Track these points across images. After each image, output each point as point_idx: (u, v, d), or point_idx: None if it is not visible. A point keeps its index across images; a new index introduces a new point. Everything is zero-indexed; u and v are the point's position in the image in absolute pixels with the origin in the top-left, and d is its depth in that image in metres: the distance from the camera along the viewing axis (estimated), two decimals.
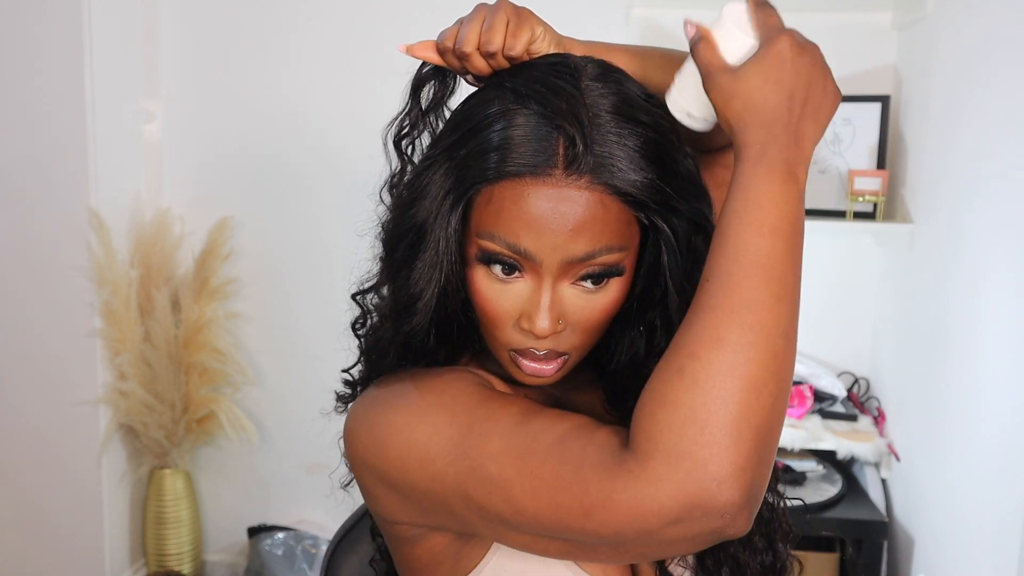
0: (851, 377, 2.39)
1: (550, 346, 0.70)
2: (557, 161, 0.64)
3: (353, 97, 2.41)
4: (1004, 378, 1.61)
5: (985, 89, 1.76)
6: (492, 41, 0.68)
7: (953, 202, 1.89)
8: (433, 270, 0.70)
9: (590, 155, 0.64)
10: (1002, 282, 1.64)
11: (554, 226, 0.65)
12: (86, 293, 2.24)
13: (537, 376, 0.72)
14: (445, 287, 0.71)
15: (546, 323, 0.67)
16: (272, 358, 2.54)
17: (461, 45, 0.69)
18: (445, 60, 0.72)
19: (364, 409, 0.73)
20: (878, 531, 2.02)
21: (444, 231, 0.69)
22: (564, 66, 0.68)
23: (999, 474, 1.61)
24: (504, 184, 0.66)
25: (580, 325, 0.70)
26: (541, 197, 0.64)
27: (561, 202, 0.64)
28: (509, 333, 0.70)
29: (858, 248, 2.37)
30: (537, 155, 0.64)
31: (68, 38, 2.16)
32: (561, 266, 0.67)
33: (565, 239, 0.65)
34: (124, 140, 2.35)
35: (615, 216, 0.66)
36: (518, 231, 0.66)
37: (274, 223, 2.49)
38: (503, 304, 0.69)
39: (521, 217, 0.65)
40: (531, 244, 0.66)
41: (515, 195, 0.65)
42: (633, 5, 2.29)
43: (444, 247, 0.69)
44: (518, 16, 0.69)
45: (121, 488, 2.40)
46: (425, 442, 0.66)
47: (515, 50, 0.68)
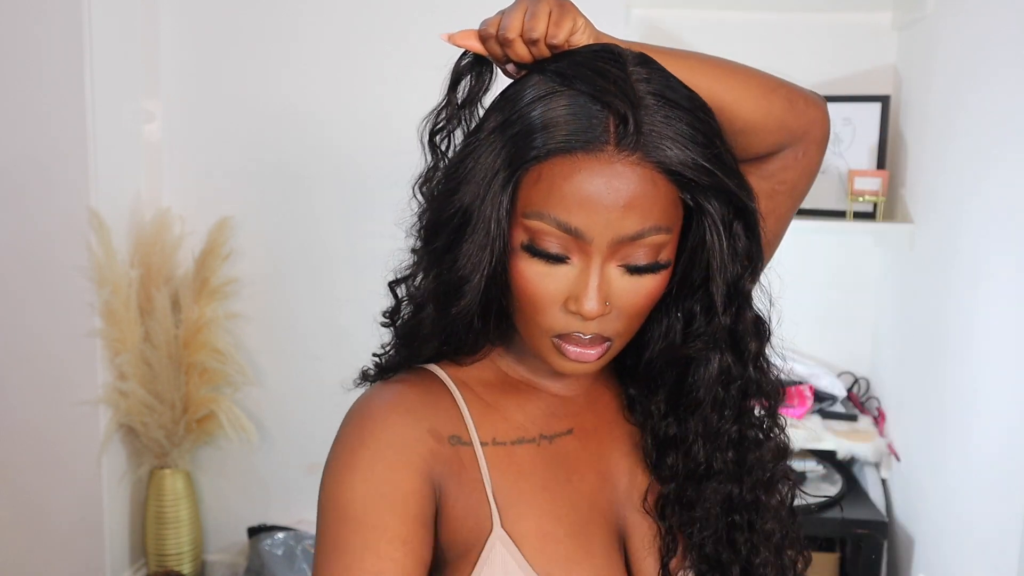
0: (851, 377, 2.39)
1: (596, 330, 0.70)
2: (609, 137, 0.65)
3: (353, 97, 2.41)
4: (1004, 378, 1.61)
5: (985, 89, 1.76)
6: (536, 28, 0.68)
7: (953, 202, 1.89)
8: (483, 252, 0.69)
9: (640, 133, 0.65)
10: (1002, 282, 1.64)
11: (607, 202, 0.65)
12: (86, 293, 2.24)
13: (580, 361, 0.71)
14: (495, 269, 0.70)
15: (595, 304, 0.67)
16: (272, 358, 2.54)
17: (505, 31, 0.69)
18: (487, 47, 0.71)
19: (339, 432, 0.75)
20: (878, 531, 2.02)
21: (496, 212, 0.68)
22: (607, 52, 0.69)
23: (999, 474, 1.61)
24: (554, 161, 0.65)
25: (625, 310, 0.70)
26: (594, 173, 0.65)
27: (614, 178, 0.65)
28: (554, 317, 0.70)
29: (858, 248, 2.37)
30: (588, 132, 0.65)
31: (68, 38, 2.16)
32: (611, 245, 0.66)
33: (617, 216, 0.65)
34: (124, 140, 2.35)
35: (664, 195, 0.66)
36: (570, 208, 0.65)
37: (274, 223, 2.49)
38: (549, 286, 0.69)
39: (573, 194, 0.65)
40: (582, 221, 0.65)
41: (566, 172, 0.65)
42: (633, 5, 2.29)
43: (495, 229, 0.68)
44: (561, 6, 0.70)
45: (121, 488, 2.40)
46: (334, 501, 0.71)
47: (558, 38, 0.68)
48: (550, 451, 0.77)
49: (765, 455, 0.76)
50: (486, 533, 0.72)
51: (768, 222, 0.80)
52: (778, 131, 0.79)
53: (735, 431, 0.75)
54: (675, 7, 2.30)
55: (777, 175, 0.81)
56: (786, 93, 0.79)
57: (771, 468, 0.76)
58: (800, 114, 0.79)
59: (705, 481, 0.75)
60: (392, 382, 0.78)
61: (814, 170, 0.84)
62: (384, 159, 2.34)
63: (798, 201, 0.85)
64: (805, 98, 0.80)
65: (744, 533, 0.75)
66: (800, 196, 0.85)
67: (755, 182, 0.79)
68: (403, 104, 2.39)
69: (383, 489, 0.69)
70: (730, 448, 0.75)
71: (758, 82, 0.78)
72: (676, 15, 2.33)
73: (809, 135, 0.80)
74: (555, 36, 0.68)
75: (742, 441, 0.75)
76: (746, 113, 0.76)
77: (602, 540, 0.74)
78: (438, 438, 0.73)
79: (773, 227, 0.82)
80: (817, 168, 0.84)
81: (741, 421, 0.75)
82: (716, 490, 0.75)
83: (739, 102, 0.76)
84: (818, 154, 0.83)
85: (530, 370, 0.80)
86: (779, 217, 0.84)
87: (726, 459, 0.75)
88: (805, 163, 0.82)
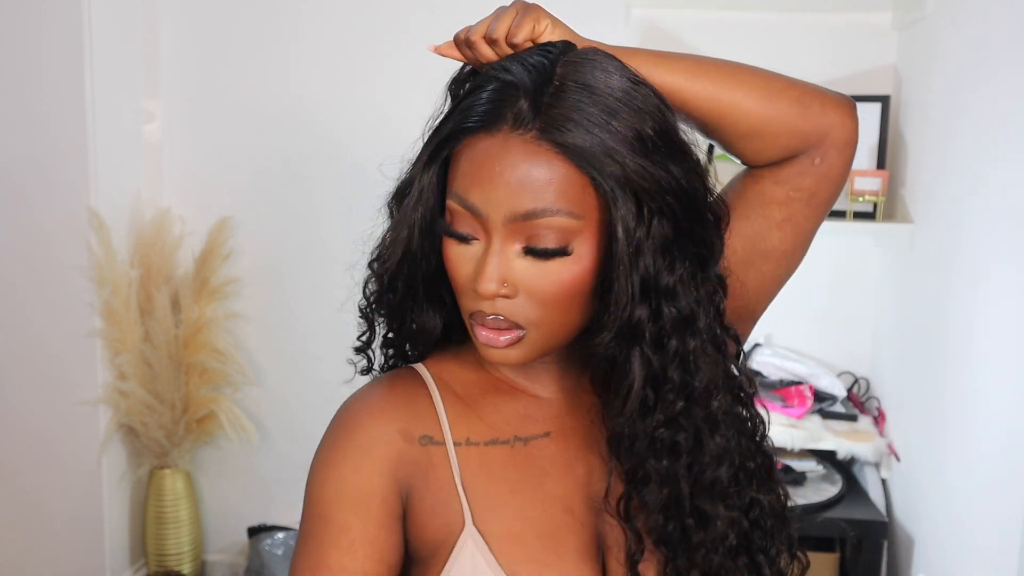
0: (851, 377, 2.39)
1: (501, 311, 0.70)
2: (507, 117, 0.67)
3: (353, 97, 2.41)
4: (1004, 378, 1.61)
5: (985, 89, 1.76)
6: (497, 29, 0.71)
7: (953, 202, 1.89)
8: (403, 225, 0.74)
9: (542, 116, 0.66)
10: (1002, 282, 1.64)
11: (496, 179, 0.67)
12: (86, 293, 2.24)
13: (490, 346, 0.72)
14: (412, 249, 0.75)
15: (491, 284, 0.68)
16: (272, 358, 2.54)
17: (470, 34, 0.73)
18: (460, 52, 0.75)
19: (325, 431, 0.80)
20: (878, 531, 2.02)
21: (419, 187, 0.73)
22: (552, 46, 0.71)
23: (999, 474, 1.61)
24: (465, 143, 0.69)
25: (534, 296, 0.70)
26: (488, 150, 0.67)
27: (504, 154, 0.67)
28: (466, 298, 0.72)
29: (858, 248, 2.37)
30: (492, 113, 0.68)
31: (68, 38, 2.16)
32: (506, 223, 0.68)
33: (506, 192, 0.67)
34: (124, 140, 2.35)
35: (564, 178, 0.67)
36: (468, 185, 0.68)
37: (274, 223, 2.49)
38: (463, 268, 0.71)
39: (471, 171, 0.68)
40: (478, 197, 0.68)
41: (468, 151, 0.69)
42: (633, 5, 2.29)
43: (418, 202, 0.73)
44: (525, 9, 0.73)
45: (121, 488, 2.40)
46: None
47: (517, 38, 0.71)
48: (524, 453, 0.76)
49: (703, 459, 0.72)
50: (458, 529, 0.73)
51: (784, 230, 0.79)
52: (788, 135, 0.76)
53: (666, 435, 0.71)
54: (675, 7, 2.30)
55: (791, 181, 0.78)
56: (797, 95, 0.76)
57: (712, 473, 0.72)
58: (814, 117, 0.76)
59: (643, 486, 0.72)
60: (375, 383, 0.81)
61: (836, 177, 0.79)
62: (384, 159, 2.33)
63: (819, 210, 0.81)
64: (823, 100, 0.77)
65: (700, 535, 0.72)
66: (822, 204, 0.80)
67: (769, 187, 0.79)
68: (403, 104, 2.39)
69: (348, 491, 0.73)
70: (664, 455, 0.71)
71: (762, 84, 0.76)
72: (676, 15, 2.33)
73: (828, 139, 0.77)
74: (514, 36, 0.71)
75: (674, 446, 0.71)
76: (749, 117, 0.75)
77: (575, 544, 0.74)
78: (408, 439, 0.75)
79: (790, 236, 0.80)
80: (841, 175, 0.79)
81: (672, 425, 0.71)
82: (655, 494, 0.72)
83: (739, 106, 0.75)
84: (839, 159, 0.78)
85: (514, 372, 0.80)
86: (796, 225, 0.80)
87: (659, 466, 0.71)
88: (824, 169, 0.78)
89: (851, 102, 0.79)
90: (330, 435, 0.77)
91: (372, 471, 0.74)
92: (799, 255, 0.83)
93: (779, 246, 0.80)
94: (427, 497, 0.74)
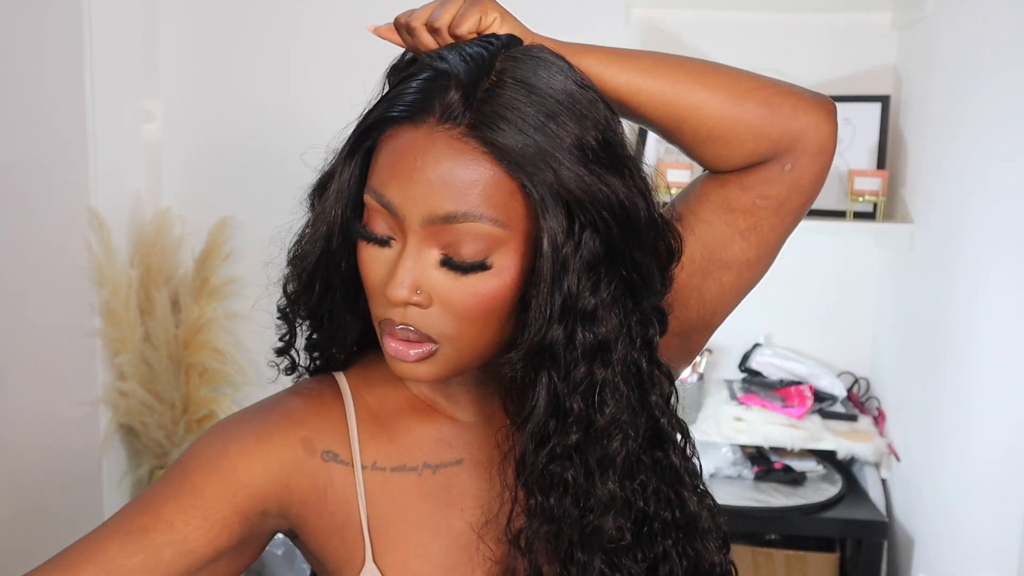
0: (851, 377, 2.39)
1: (412, 321, 0.64)
2: (435, 109, 0.62)
3: (353, 97, 2.41)
4: (1004, 378, 1.61)
5: (985, 89, 1.76)
6: (439, 18, 0.66)
7: (953, 202, 1.89)
8: (320, 221, 0.71)
9: (473, 111, 0.61)
10: (1002, 282, 1.64)
11: (416, 175, 0.61)
12: (86, 293, 2.24)
13: (398, 359, 0.66)
14: (330, 246, 0.70)
15: (402, 291, 0.62)
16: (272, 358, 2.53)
17: (411, 19, 0.68)
18: (400, 36, 0.70)
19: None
20: (878, 531, 2.02)
21: (340, 181, 0.69)
22: (495, 38, 0.65)
23: (999, 474, 1.61)
24: (388, 133, 0.64)
25: (451, 309, 0.64)
26: (411, 143, 0.62)
27: (429, 149, 0.61)
28: (377, 304, 0.67)
29: (858, 248, 2.37)
30: (419, 103, 0.62)
31: (68, 38, 2.16)
32: (424, 225, 0.62)
33: (425, 190, 0.61)
34: (124, 140, 2.35)
35: (490, 179, 0.61)
36: (386, 180, 0.63)
37: (274, 223, 2.49)
38: (375, 271, 0.66)
39: (391, 164, 0.63)
40: (395, 194, 0.62)
41: (390, 142, 0.64)
42: (633, 5, 2.29)
43: (336, 195, 0.69)
44: (473, 1, 0.67)
45: (121, 488, 2.40)
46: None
47: (461, 28, 0.65)
48: (432, 482, 0.72)
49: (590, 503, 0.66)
50: (358, 566, 0.70)
51: (749, 239, 0.74)
52: (754, 140, 0.70)
53: (556, 469, 0.66)
54: (675, 7, 2.30)
55: (758, 188, 0.72)
56: (765, 96, 0.70)
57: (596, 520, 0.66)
58: (784, 120, 0.70)
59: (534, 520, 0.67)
60: (290, 390, 0.78)
61: (808, 185, 0.72)
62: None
63: (788, 219, 0.74)
64: (795, 101, 0.70)
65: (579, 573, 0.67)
66: (791, 215, 0.74)
67: (734, 193, 0.73)
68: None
69: (223, 464, 0.69)
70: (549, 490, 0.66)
71: (726, 86, 0.69)
72: (676, 15, 2.33)
73: (799, 144, 0.70)
74: (458, 26, 0.65)
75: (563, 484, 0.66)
76: (711, 120, 0.69)
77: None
78: (310, 450, 0.71)
79: (754, 246, 0.74)
80: (813, 184, 0.73)
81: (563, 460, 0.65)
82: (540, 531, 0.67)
83: (701, 107, 0.69)
84: (812, 166, 0.72)
85: (433, 391, 0.75)
86: (761, 235, 0.74)
87: (543, 502, 0.66)
88: (795, 176, 0.71)
89: (829, 103, 0.73)
90: (229, 419, 0.74)
91: (259, 466, 0.69)
92: (763, 266, 0.77)
93: (741, 256, 0.74)
94: (324, 516, 0.71)
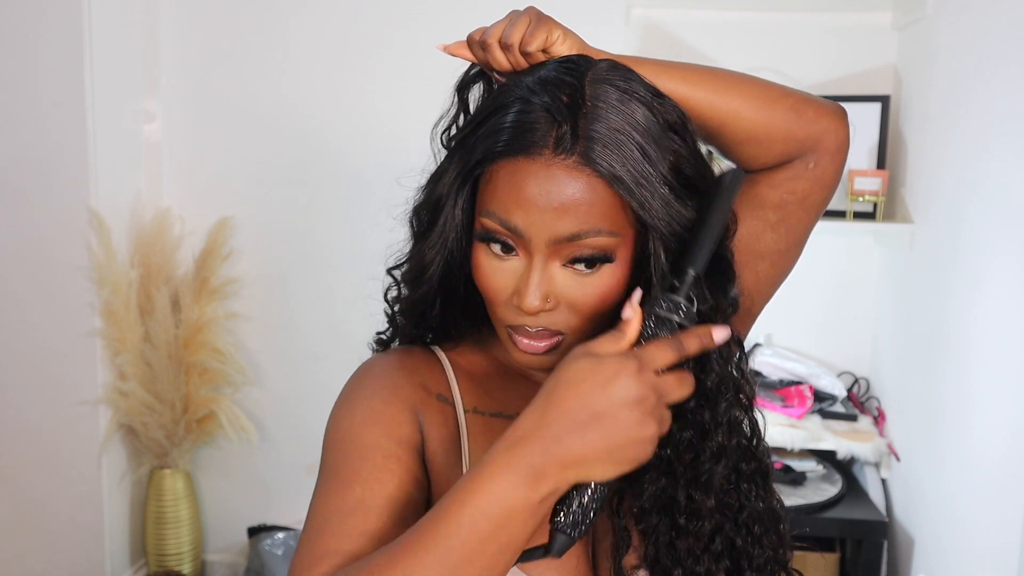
0: (851, 377, 2.39)
1: (542, 324, 0.73)
2: (549, 143, 0.69)
3: (353, 97, 2.41)
4: (1004, 378, 1.61)
5: (984, 89, 1.76)
6: (511, 36, 0.73)
7: (953, 202, 1.89)
8: (440, 243, 0.77)
9: (582, 141, 0.68)
10: (1001, 282, 1.64)
11: (541, 204, 0.69)
12: (86, 293, 2.24)
13: (529, 352, 0.74)
14: (449, 261, 0.77)
15: (535, 301, 0.71)
16: (272, 358, 2.54)
17: (485, 37, 0.75)
18: (472, 52, 0.77)
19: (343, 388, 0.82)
20: (878, 531, 2.02)
21: (452, 208, 0.75)
22: (573, 63, 0.73)
23: (999, 474, 1.61)
24: (501, 164, 0.71)
25: (574, 306, 0.73)
26: (531, 176, 0.69)
27: (548, 181, 0.69)
28: (504, 310, 0.74)
29: (858, 248, 2.37)
30: (530, 136, 0.69)
31: (68, 38, 2.16)
32: (549, 245, 0.70)
33: (552, 217, 0.69)
34: (124, 140, 2.35)
35: (604, 200, 0.69)
36: (510, 208, 0.70)
37: (274, 223, 2.49)
38: (499, 281, 0.73)
39: (513, 195, 0.70)
40: (521, 221, 0.70)
41: (509, 174, 0.70)
42: (633, 5, 2.29)
43: (450, 223, 0.76)
44: (539, 19, 0.75)
45: (121, 488, 2.40)
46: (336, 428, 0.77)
47: (531, 46, 0.73)
48: None
49: (703, 455, 0.74)
50: None
51: (779, 231, 0.83)
52: (783, 141, 0.79)
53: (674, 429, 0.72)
54: (675, 7, 2.30)
55: (786, 184, 0.82)
56: (792, 103, 0.79)
57: (709, 467, 0.74)
58: (808, 124, 0.80)
59: (640, 475, 0.73)
60: (391, 350, 0.85)
61: (828, 182, 0.83)
62: (383, 159, 2.34)
63: (812, 212, 0.85)
64: (816, 108, 0.80)
65: (687, 540, 0.74)
66: (814, 207, 0.84)
67: (764, 191, 0.82)
68: (402, 105, 2.39)
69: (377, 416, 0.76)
70: (683, 450, 0.73)
71: (759, 92, 0.79)
72: (676, 15, 2.33)
73: (821, 145, 0.81)
74: (528, 44, 0.73)
75: (679, 441, 0.73)
76: (747, 124, 0.78)
77: None
78: (428, 391, 0.80)
79: (784, 237, 0.83)
80: (833, 180, 0.83)
81: (680, 421, 0.73)
82: (652, 484, 0.73)
83: (738, 113, 0.78)
84: (832, 165, 0.82)
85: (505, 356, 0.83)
86: (790, 227, 0.84)
87: (661, 453, 0.73)
88: (817, 173, 0.82)
89: (843, 110, 0.83)
90: (352, 384, 0.80)
91: (401, 405, 0.77)
92: (794, 255, 0.87)
93: (773, 246, 0.84)
94: (438, 452, 0.77)
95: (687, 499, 0.74)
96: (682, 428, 0.73)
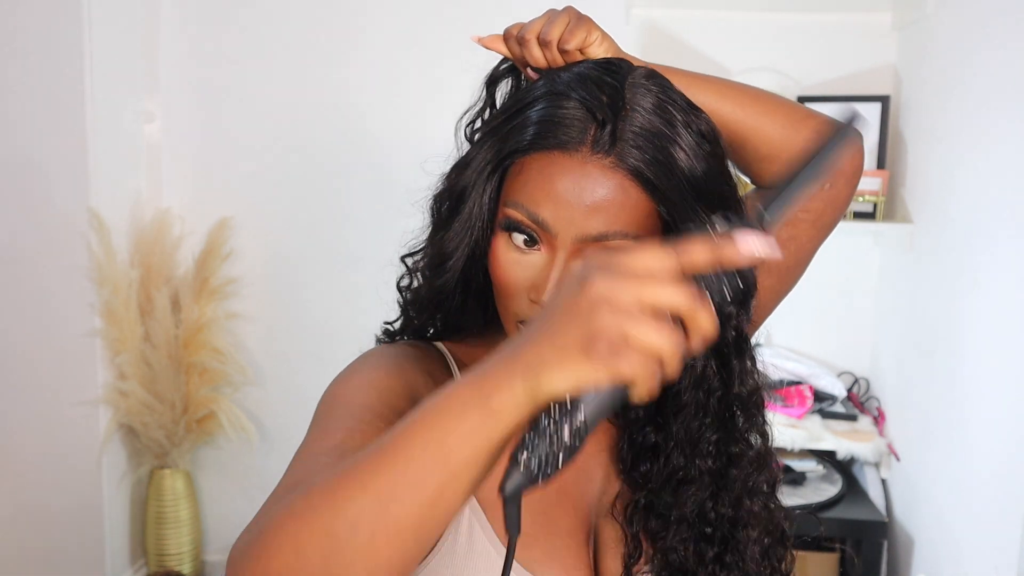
0: (851, 377, 2.39)
1: None
2: (586, 140, 0.68)
3: (353, 97, 2.41)
4: (1004, 377, 1.61)
5: (984, 89, 1.76)
6: (550, 33, 0.74)
7: (953, 202, 1.89)
8: (465, 232, 0.75)
9: (619, 141, 0.68)
10: (1001, 281, 1.64)
11: (573, 200, 0.68)
12: (86, 293, 2.24)
13: None
14: (474, 250, 0.76)
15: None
16: (272, 358, 2.54)
17: (523, 32, 0.75)
18: (508, 47, 0.78)
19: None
20: (878, 531, 2.02)
21: (480, 196, 0.74)
22: (613, 64, 0.73)
23: (999, 474, 1.61)
24: (535, 156, 0.70)
25: None
26: (566, 171, 0.68)
27: (583, 178, 0.68)
28: (519, 304, 0.73)
29: (858, 248, 2.37)
30: (569, 132, 0.69)
31: (68, 38, 2.16)
32: (575, 242, 0.69)
33: (582, 214, 0.68)
34: (124, 140, 2.35)
35: (634, 203, 0.69)
36: (540, 201, 0.69)
37: (274, 223, 2.49)
38: (517, 273, 0.72)
39: (544, 188, 0.69)
40: (550, 215, 0.69)
41: (542, 167, 0.69)
42: (633, 5, 2.29)
43: (477, 211, 0.74)
44: (579, 19, 0.76)
45: (121, 488, 2.40)
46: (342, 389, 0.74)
47: (569, 44, 0.74)
48: None
49: (745, 467, 0.75)
50: None
51: (788, 248, 0.84)
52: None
53: (715, 439, 0.74)
54: (675, 7, 2.30)
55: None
56: (816, 125, 0.80)
57: (752, 478, 0.75)
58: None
59: (682, 487, 0.74)
60: (396, 343, 0.84)
61: (841, 203, 0.84)
62: (383, 159, 2.34)
63: (823, 231, 0.86)
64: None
65: (714, 548, 0.74)
66: (825, 227, 0.85)
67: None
68: (402, 105, 2.39)
69: (376, 384, 0.73)
70: (709, 457, 0.74)
71: (784, 112, 0.80)
72: (676, 15, 2.33)
73: (839, 168, 0.82)
74: (567, 42, 0.74)
75: (719, 453, 0.74)
76: (769, 141, 0.80)
77: (567, 525, 0.77)
78: (435, 380, 0.78)
79: (793, 253, 0.84)
80: (845, 201, 0.85)
81: (722, 430, 0.74)
82: (693, 496, 0.74)
83: (763, 130, 0.79)
84: (847, 187, 0.84)
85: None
86: (800, 245, 0.84)
87: (706, 467, 0.74)
88: (832, 194, 0.83)
89: (860, 136, 0.83)
90: (357, 360, 0.78)
91: (402, 384, 0.73)
92: (798, 273, 0.88)
93: (782, 263, 0.84)
94: None
95: (712, 508, 0.74)
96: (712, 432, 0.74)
